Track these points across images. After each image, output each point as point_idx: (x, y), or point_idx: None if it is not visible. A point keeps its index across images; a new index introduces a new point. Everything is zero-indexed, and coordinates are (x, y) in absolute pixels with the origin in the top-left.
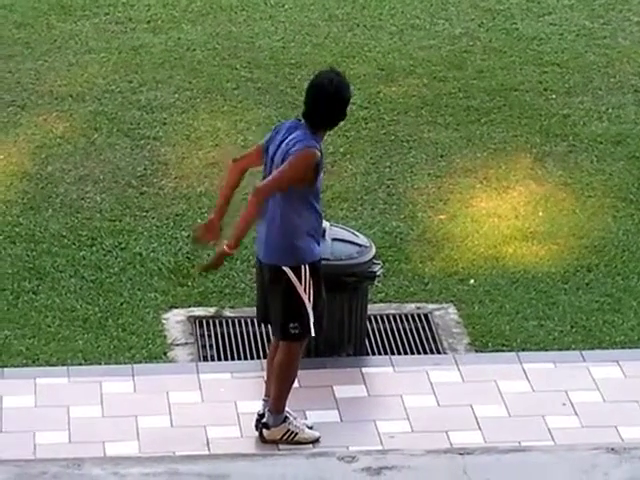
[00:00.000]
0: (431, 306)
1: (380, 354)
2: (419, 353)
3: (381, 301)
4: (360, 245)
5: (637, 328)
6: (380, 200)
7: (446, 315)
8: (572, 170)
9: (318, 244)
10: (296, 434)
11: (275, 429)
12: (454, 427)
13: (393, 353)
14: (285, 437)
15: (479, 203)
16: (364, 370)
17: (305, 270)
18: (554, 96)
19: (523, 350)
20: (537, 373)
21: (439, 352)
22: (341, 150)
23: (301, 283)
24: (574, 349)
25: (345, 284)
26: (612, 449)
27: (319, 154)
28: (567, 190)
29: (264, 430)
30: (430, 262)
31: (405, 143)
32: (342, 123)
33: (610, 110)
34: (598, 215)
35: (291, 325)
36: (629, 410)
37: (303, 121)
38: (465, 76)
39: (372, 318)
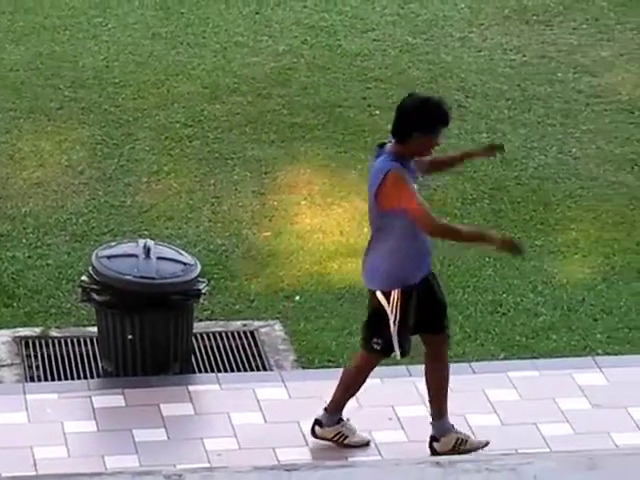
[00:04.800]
0: (257, 323)
1: (207, 372)
2: (246, 370)
3: (207, 319)
4: (185, 263)
5: (463, 342)
6: (205, 218)
7: (272, 332)
8: None
9: (416, 268)
10: (346, 437)
11: (328, 429)
12: (281, 444)
13: (220, 371)
14: (336, 438)
15: (304, 220)
16: (191, 388)
17: (394, 296)
18: (378, 112)
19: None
20: (364, 388)
21: (265, 369)
22: (165, 169)
23: (389, 304)
24: (401, 364)
25: (171, 302)
26: (437, 463)
27: (400, 171)
28: None
29: (316, 427)
30: (255, 279)
31: (229, 161)
32: (167, 142)
33: None
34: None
35: (374, 340)
36: (456, 423)
37: (388, 142)
38: (289, 93)
39: (198, 336)
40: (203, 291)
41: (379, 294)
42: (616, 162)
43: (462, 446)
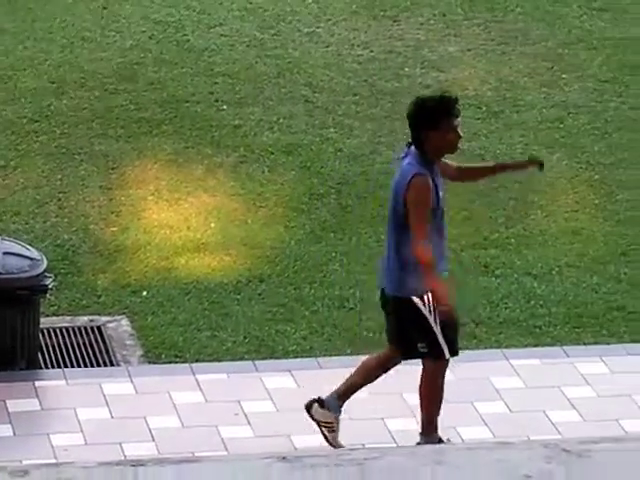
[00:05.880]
0: (104, 318)
1: (53, 367)
2: (93, 366)
3: (54, 314)
4: (32, 258)
5: (309, 337)
6: (52, 213)
7: (119, 327)
8: (244, 181)
9: (440, 268)
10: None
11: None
12: (128, 439)
13: (66, 366)
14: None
15: (151, 215)
16: (37, 384)
17: (427, 297)
18: (225, 107)
19: (197, 361)
20: (210, 384)
21: (112, 364)
22: (12, 164)
23: (425, 306)
24: (247, 359)
25: (17, 298)
26: (284, 458)
27: (427, 179)
28: (239, 200)
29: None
30: (102, 274)
31: (77, 156)
32: (13, 137)
33: (281, 120)
34: (270, 225)
35: (419, 345)
36: (301, 418)
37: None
38: (136, 88)
39: (45, 331)
40: (50, 286)
41: (415, 299)
42: (463, 157)
43: (327, 433)
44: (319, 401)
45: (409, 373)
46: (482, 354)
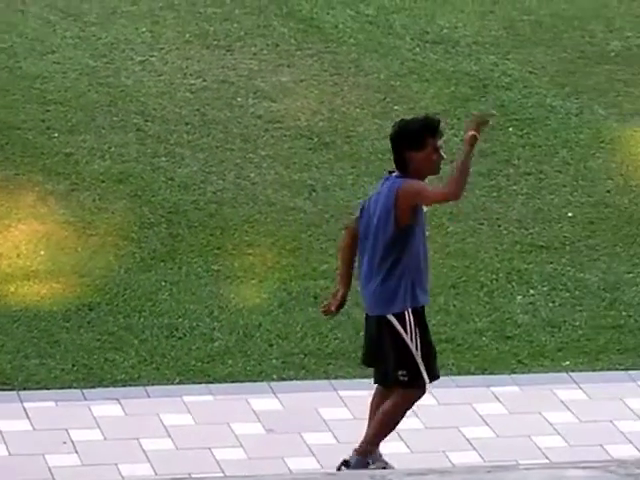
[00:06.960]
0: None
1: None
2: None
3: None
4: None
5: (138, 366)
6: None
7: None
8: (74, 209)
9: (421, 289)
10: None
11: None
12: None
13: None
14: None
15: None
16: None
17: (409, 317)
18: (57, 134)
19: (25, 389)
20: (38, 412)
21: None
22: None
23: (406, 332)
24: (75, 387)
25: None
26: None
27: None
28: (69, 228)
29: (343, 467)
30: None
31: None
32: None
33: (113, 149)
34: (100, 253)
35: (400, 373)
36: (129, 447)
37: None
38: None
39: None
40: None
41: (392, 319)
42: (294, 188)
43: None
44: (346, 464)
45: (234, 402)
46: (310, 385)
